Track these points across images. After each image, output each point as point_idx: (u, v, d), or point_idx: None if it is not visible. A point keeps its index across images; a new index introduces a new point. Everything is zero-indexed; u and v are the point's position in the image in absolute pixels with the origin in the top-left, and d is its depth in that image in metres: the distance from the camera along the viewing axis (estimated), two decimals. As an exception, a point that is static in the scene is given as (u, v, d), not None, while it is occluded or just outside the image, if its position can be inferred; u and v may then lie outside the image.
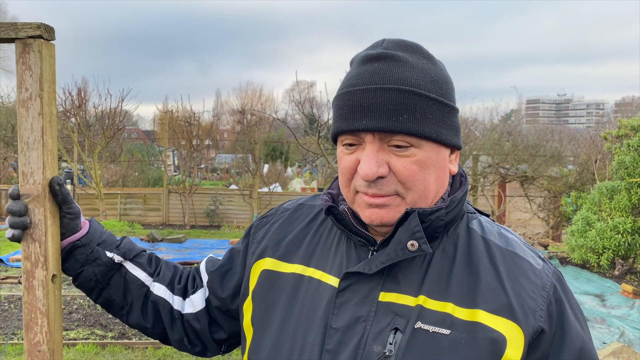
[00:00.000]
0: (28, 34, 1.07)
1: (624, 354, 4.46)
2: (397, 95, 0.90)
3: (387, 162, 0.92)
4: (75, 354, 5.06)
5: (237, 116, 20.08)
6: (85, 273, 1.17)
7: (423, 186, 0.94)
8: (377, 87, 0.91)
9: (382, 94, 0.90)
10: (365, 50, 0.98)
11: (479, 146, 12.93)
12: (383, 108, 0.90)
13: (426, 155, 0.93)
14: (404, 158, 0.92)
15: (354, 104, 0.92)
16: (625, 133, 8.30)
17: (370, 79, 0.92)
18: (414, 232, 0.92)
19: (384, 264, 0.94)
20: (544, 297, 0.94)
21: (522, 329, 0.90)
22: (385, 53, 0.93)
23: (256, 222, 1.20)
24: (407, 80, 0.91)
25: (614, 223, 7.50)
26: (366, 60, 0.94)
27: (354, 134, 0.93)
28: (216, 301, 1.19)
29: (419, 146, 0.92)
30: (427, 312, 0.92)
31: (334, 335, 0.94)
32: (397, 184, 0.93)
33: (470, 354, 0.89)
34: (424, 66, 0.94)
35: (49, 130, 1.10)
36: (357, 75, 0.94)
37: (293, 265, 1.07)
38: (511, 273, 0.95)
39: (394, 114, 0.90)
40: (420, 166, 0.93)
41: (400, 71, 0.92)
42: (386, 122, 0.90)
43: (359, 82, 0.92)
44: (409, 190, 0.93)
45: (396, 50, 0.94)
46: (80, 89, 14.32)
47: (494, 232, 1.02)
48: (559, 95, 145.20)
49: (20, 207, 1.07)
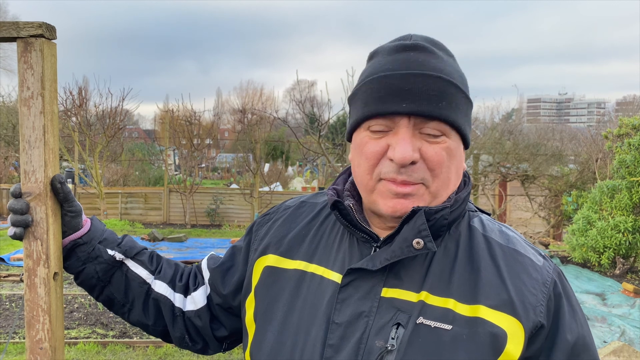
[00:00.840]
0: (30, 33, 1.07)
1: (624, 353, 4.46)
2: (438, 82, 0.92)
3: (420, 148, 0.93)
4: (77, 353, 5.07)
5: (238, 115, 20.11)
6: (87, 271, 1.17)
7: (447, 176, 0.95)
8: (419, 72, 0.92)
9: (423, 79, 0.91)
10: (395, 42, 0.98)
11: (480, 145, 12.94)
12: (425, 93, 0.91)
13: (455, 145, 0.95)
14: (435, 144, 0.93)
15: (393, 87, 0.92)
16: (626, 132, 8.29)
17: (409, 65, 0.92)
18: (420, 230, 0.93)
19: (388, 261, 0.94)
20: (544, 292, 0.94)
21: (523, 324, 0.91)
22: (420, 44, 0.95)
23: (258, 220, 1.21)
24: (444, 70, 0.93)
25: (615, 222, 7.50)
26: (400, 49, 0.95)
27: (388, 118, 0.93)
28: (218, 298, 1.19)
29: (449, 136, 0.94)
30: (429, 308, 0.93)
31: (336, 330, 0.95)
32: (425, 171, 0.93)
33: (471, 349, 0.90)
34: (451, 62, 0.97)
35: (51, 129, 1.10)
36: (393, 61, 0.94)
37: (295, 262, 1.07)
38: (512, 269, 0.96)
39: (435, 100, 0.91)
40: (449, 154, 0.94)
41: (436, 62, 0.94)
42: (427, 106, 0.91)
43: (398, 67, 0.93)
44: (435, 178, 0.94)
45: (426, 43, 0.96)
46: (81, 88, 14.35)
47: (494, 229, 1.03)
48: (560, 94, 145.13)
49: (22, 205, 1.07)
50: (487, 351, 0.89)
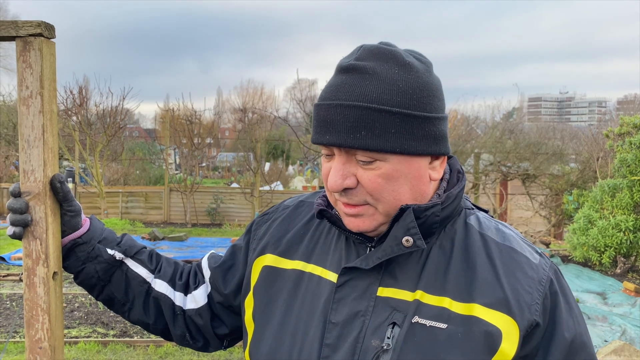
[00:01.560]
0: (29, 32, 1.07)
1: (625, 352, 4.46)
2: (356, 112, 0.91)
3: (355, 174, 0.94)
4: (77, 352, 5.07)
5: (239, 114, 20.10)
6: (87, 270, 1.17)
7: (392, 197, 0.94)
8: (339, 103, 0.92)
9: (342, 110, 0.92)
10: (342, 59, 0.98)
11: (480, 144, 12.93)
12: (342, 125, 0.91)
13: (393, 168, 0.93)
14: (369, 171, 0.93)
15: (320, 119, 0.95)
16: (628, 131, 8.28)
17: (335, 94, 0.93)
18: (408, 228, 0.93)
19: (380, 260, 0.95)
20: (540, 291, 0.94)
21: (518, 322, 0.91)
22: (354, 65, 0.93)
23: (257, 219, 1.22)
24: (369, 95, 0.91)
25: (616, 221, 7.50)
26: (338, 72, 0.96)
27: (325, 146, 0.96)
28: (219, 297, 1.20)
29: (383, 159, 0.93)
30: (425, 307, 0.93)
31: (333, 330, 0.96)
32: (366, 194, 0.95)
33: (466, 347, 0.90)
34: (394, 77, 0.92)
35: (50, 128, 1.10)
36: (327, 88, 0.96)
37: (294, 262, 1.08)
38: (508, 267, 0.96)
39: (352, 131, 0.91)
40: (387, 179, 0.93)
41: (364, 85, 0.91)
42: (345, 138, 0.91)
43: (327, 97, 0.95)
44: (377, 201, 0.95)
45: (368, 60, 0.94)
46: (82, 88, 14.34)
47: (491, 227, 1.02)
48: (561, 93, 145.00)
49: (21, 205, 1.07)
50: (482, 350, 0.90)
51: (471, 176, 12.35)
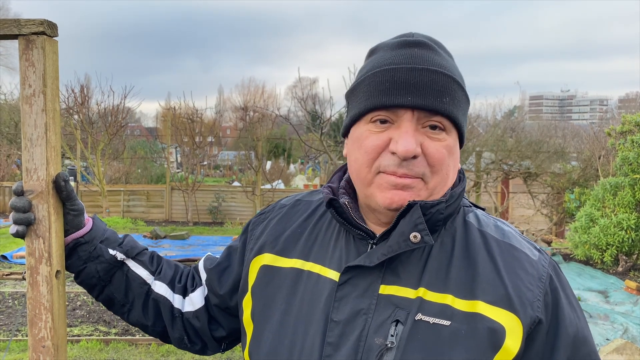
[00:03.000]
0: (31, 30, 1.07)
1: (627, 351, 4.45)
2: (443, 78, 0.93)
3: (422, 143, 0.93)
4: (79, 351, 5.08)
5: (240, 113, 20.09)
6: (88, 270, 1.17)
7: (446, 172, 0.96)
8: (424, 67, 0.92)
9: (429, 74, 0.92)
10: (397, 38, 0.99)
11: (482, 142, 12.91)
12: (430, 88, 0.91)
13: (453, 143, 0.96)
14: (437, 142, 0.94)
15: (398, 80, 0.92)
16: (629, 129, 8.27)
17: (415, 60, 0.93)
18: (416, 224, 0.93)
19: (385, 256, 0.94)
20: (540, 288, 0.95)
21: (521, 319, 0.91)
22: (424, 41, 0.96)
23: (254, 219, 1.21)
24: (446, 67, 0.95)
25: (618, 219, 7.49)
26: (403, 45, 0.96)
27: (391, 111, 0.93)
28: (215, 299, 1.19)
29: (449, 132, 0.95)
30: (427, 304, 0.93)
31: (335, 328, 0.95)
32: (426, 166, 0.94)
33: (470, 344, 0.90)
34: (451, 61, 0.99)
35: (53, 127, 1.10)
36: (398, 56, 0.94)
37: (292, 260, 1.07)
38: (508, 265, 0.96)
39: (439, 95, 0.92)
40: (449, 152, 0.95)
41: (439, 59, 0.95)
42: (431, 101, 0.91)
43: (403, 62, 0.93)
44: (435, 174, 0.95)
45: (429, 41, 0.98)
46: (83, 86, 14.36)
47: (490, 224, 1.03)
48: (562, 91, 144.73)
49: (24, 203, 1.07)
50: (486, 347, 0.90)
51: (473, 175, 12.33)
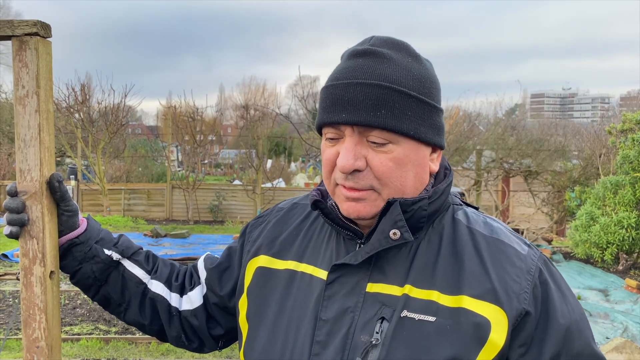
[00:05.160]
0: (24, 31, 1.07)
1: (627, 349, 4.45)
2: (377, 90, 0.92)
3: (365, 156, 0.94)
4: (79, 349, 5.09)
5: (241, 111, 20.07)
6: (83, 270, 1.17)
7: (399, 183, 0.95)
8: (358, 82, 0.93)
9: (362, 89, 0.92)
10: (354, 46, 1.00)
11: (482, 141, 12.90)
12: (362, 102, 0.92)
13: (404, 153, 0.95)
14: (381, 154, 0.94)
15: (335, 98, 0.94)
16: (630, 127, 8.26)
17: (353, 74, 0.94)
18: (395, 221, 0.94)
19: (368, 254, 0.96)
20: (528, 280, 0.94)
21: (506, 312, 0.91)
22: (371, 49, 0.95)
23: (252, 222, 1.23)
24: (388, 76, 0.93)
25: (618, 218, 7.48)
26: (352, 56, 0.97)
27: (335, 127, 0.95)
28: (214, 298, 1.20)
29: (396, 143, 0.94)
30: (413, 301, 0.94)
31: (323, 327, 0.97)
32: (373, 179, 0.95)
33: (456, 339, 0.90)
34: (408, 64, 0.96)
35: (46, 127, 1.10)
36: (342, 70, 0.96)
37: (286, 262, 1.09)
38: (495, 259, 0.96)
39: (372, 109, 0.91)
40: (397, 163, 0.94)
41: (382, 67, 0.94)
42: (364, 116, 0.91)
43: (342, 77, 0.95)
44: (384, 186, 0.95)
45: (382, 47, 0.96)
46: (84, 85, 14.36)
47: (479, 221, 1.03)
48: (563, 89, 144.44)
49: (17, 204, 1.07)
50: (472, 341, 0.90)
51: (473, 173, 12.33)
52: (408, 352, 0.90)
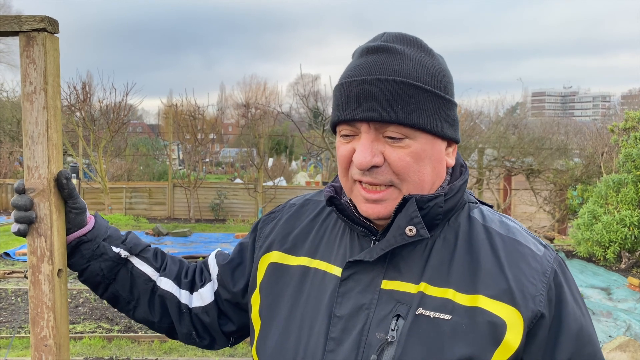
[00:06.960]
0: (32, 27, 1.06)
1: (630, 348, 4.44)
2: (392, 86, 0.92)
3: (382, 152, 0.94)
4: (82, 348, 5.09)
5: (242, 110, 20.06)
6: (92, 268, 1.16)
7: (418, 178, 0.95)
8: (373, 78, 0.92)
9: (377, 84, 0.92)
10: (366, 43, 0.99)
11: (484, 139, 12.90)
12: (378, 98, 0.91)
13: (421, 147, 0.94)
14: (398, 149, 0.93)
15: (350, 95, 0.94)
16: (632, 125, 8.25)
17: (368, 70, 0.93)
18: (411, 217, 0.93)
19: (384, 250, 0.95)
20: (544, 282, 0.94)
21: (522, 313, 0.91)
22: (384, 45, 0.95)
23: (264, 217, 1.22)
24: (403, 71, 0.93)
25: (621, 216, 7.47)
26: (365, 52, 0.96)
27: (351, 124, 0.95)
28: (227, 294, 1.19)
29: (413, 138, 0.93)
30: (428, 299, 0.93)
31: (337, 324, 0.96)
32: (391, 174, 0.94)
33: (471, 338, 0.90)
34: (421, 59, 0.96)
35: (54, 124, 1.09)
36: (356, 67, 0.96)
37: (299, 258, 1.09)
38: (511, 259, 0.95)
39: (388, 104, 0.91)
40: (415, 158, 0.94)
41: (397, 63, 0.94)
42: (380, 112, 0.91)
43: (357, 73, 0.94)
44: (403, 181, 0.94)
45: (395, 43, 0.96)
46: (85, 83, 14.36)
47: (495, 220, 1.02)
48: (565, 88, 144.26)
49: (25, 202, 1.06)
50: (487, 341, 0.90)
51: (475, 171, 12.32)
52: (423, 350, 0.90)
